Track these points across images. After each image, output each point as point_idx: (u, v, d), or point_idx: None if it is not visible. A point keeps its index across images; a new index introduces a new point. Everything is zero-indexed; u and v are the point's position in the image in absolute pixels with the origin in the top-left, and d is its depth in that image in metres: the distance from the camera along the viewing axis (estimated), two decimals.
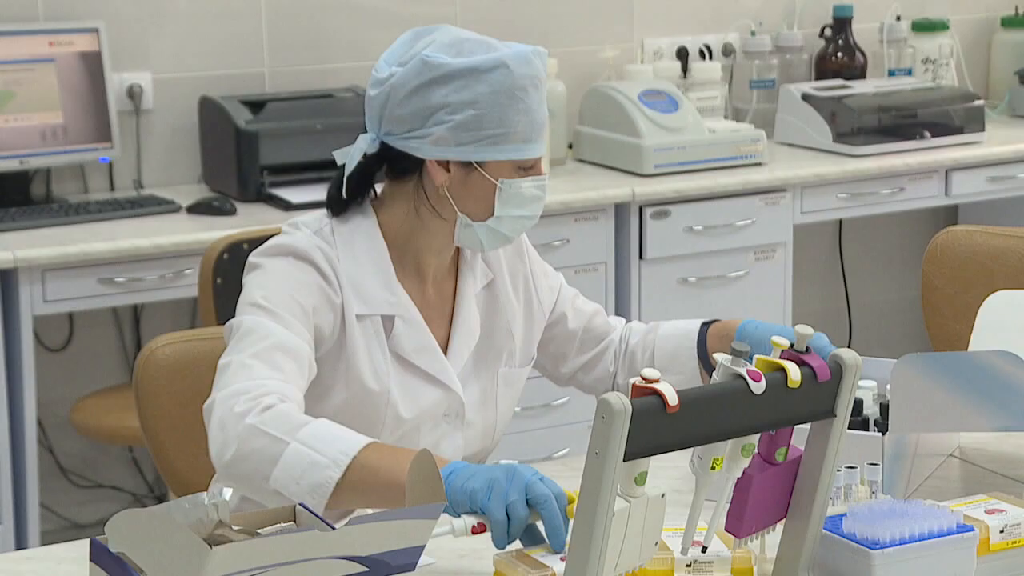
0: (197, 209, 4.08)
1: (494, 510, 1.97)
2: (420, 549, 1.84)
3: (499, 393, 2.50)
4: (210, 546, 1.68)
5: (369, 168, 2.41)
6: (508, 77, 2.31)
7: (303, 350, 2.26)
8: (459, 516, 2.00)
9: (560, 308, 2.60)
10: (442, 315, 2.46)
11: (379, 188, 2.45)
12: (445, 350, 2.45)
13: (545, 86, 2.38)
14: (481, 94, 2.31)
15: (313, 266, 2.34)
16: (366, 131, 2.39)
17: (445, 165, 2.35)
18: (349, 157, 2.39)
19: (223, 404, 2.17)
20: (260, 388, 2.17)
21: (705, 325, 2.56)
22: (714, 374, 1.86)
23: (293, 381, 2.22)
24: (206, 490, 2.28)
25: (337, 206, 2.42)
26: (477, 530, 1.99)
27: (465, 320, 2.46)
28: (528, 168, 2.37)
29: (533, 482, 1.99)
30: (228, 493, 1.89)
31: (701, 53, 5.00)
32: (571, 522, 1.81)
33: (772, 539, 1.99)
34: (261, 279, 2.33)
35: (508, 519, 1.97)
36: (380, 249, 2.40)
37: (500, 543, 1.99)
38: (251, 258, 2.38)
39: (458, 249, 2.47)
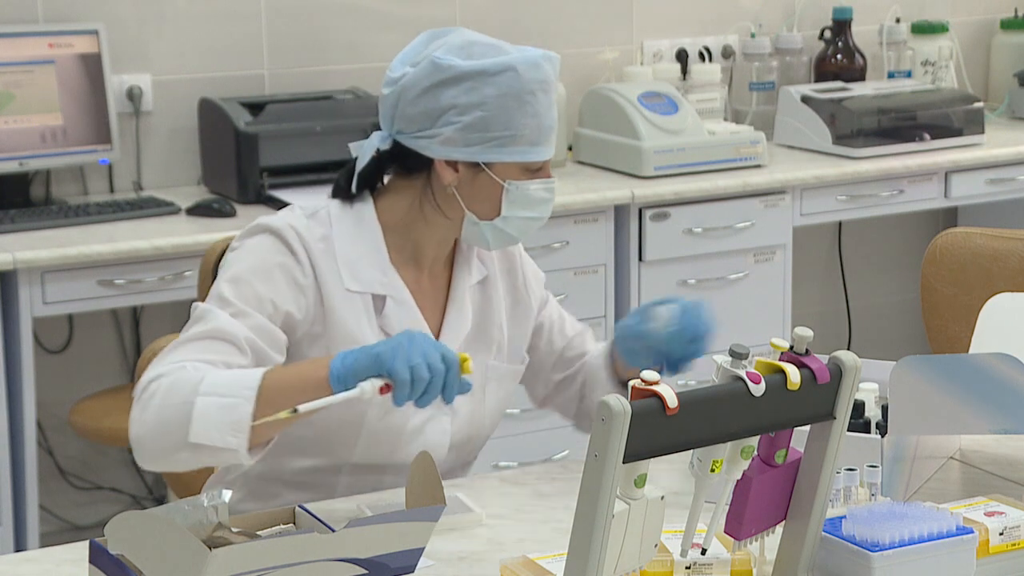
0: (197, 211, 4.07)
1: (399, 370, 2.10)
2: (420, 551, 1.84)
3: (488, 386, 2.53)
4: (209, 548, 1.68)
5: (381, 163, 2.47)
6: (516, 81, 2.36)
7: (242, 335, 2.31)
8: (367, 380, 2.12)
9: (545, 323, 2.63)
10: (435, 303, 2.51)
11: (385, 178, 2.50)
12: (437, 337, 2.48)
13: (555, 91, 2.43)
14: (489, 96, 2.36)
15: (285, 245, 2.40)
16: (379, 128, 2.45)
17: (454, 165, 2.41)
18: (362, 152, 2.45)
19: (141, 389, 2.26)
20: (177, 370, 2.24)
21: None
22: (714, 376, 1.87)
23: (219, 361, 2.27)
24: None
25: (342, 194, 2.48)
26: (384, 390, 2.12)
27: (458, 309, 2.51)
28: (536, 171, 2.42)
29: (432, 354, 2.12)
30: (227, 495, 1.89)
31: (701, 55, 5.00)
32: None
33: (771, 541, 1.99)
34: (233, 262, 2.40)
35: (411, 380, 2.11)
36: (376, 232, 2.45)
37: (400, 401, 2.12)
38: (233, 240, 2.46)
39: (455, 241, 2.51)
